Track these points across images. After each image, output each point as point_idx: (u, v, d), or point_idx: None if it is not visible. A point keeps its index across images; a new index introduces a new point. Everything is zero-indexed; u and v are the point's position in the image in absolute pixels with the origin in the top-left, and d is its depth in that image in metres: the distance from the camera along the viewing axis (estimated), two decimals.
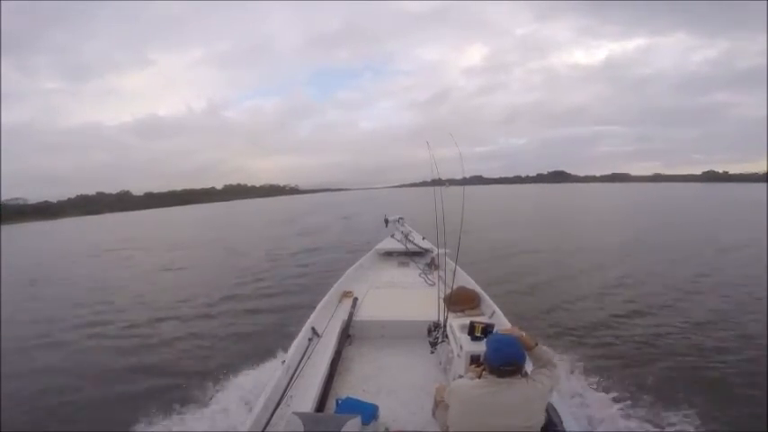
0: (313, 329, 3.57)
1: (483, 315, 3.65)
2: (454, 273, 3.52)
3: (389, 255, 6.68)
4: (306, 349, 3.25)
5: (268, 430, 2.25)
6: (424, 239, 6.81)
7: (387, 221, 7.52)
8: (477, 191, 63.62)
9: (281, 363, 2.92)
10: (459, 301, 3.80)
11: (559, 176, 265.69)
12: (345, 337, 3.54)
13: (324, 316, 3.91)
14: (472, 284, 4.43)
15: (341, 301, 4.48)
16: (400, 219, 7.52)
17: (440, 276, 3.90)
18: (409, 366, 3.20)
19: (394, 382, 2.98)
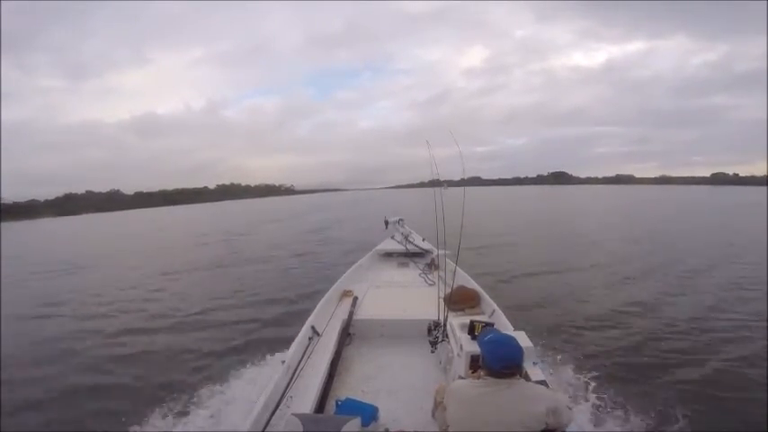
0: (313, 328, 3.56)
1: (483, 314, 3.66)
2: (454, 273, 3.51)
3: (389, 255, 6.67)
4: (306, 348, 3.24)
5: (268, 431, 2.22)
6: (424, 240, 6.81)
7: (387, 223, 7.48)
8: (474, 193, 53.36)
9: (280, 363, 2.90)
10: (460, 299, 3.80)
11: (560, 178, 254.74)
12: (345, 336, 3.53)
13: (324, 315, 3.91)
14: (472, 284, 4.45)
15: (341, 300, 4.49)
16: (400, 220, 7.51)
17: (440, 276, 3.91)
18: (409, 366, 3.19)
19: (394, 382, 2.97)
